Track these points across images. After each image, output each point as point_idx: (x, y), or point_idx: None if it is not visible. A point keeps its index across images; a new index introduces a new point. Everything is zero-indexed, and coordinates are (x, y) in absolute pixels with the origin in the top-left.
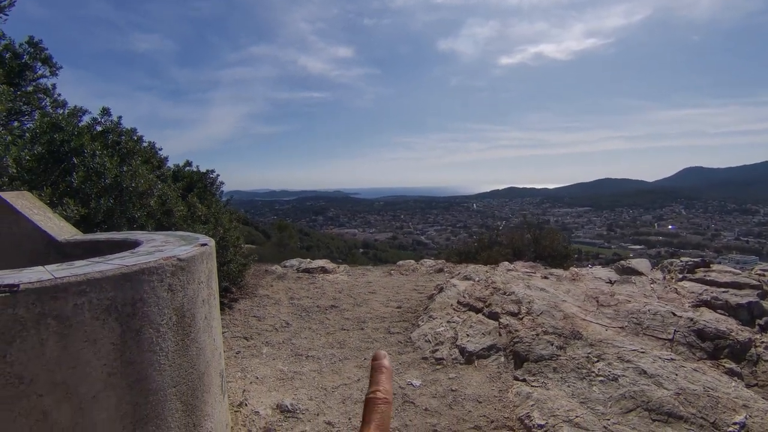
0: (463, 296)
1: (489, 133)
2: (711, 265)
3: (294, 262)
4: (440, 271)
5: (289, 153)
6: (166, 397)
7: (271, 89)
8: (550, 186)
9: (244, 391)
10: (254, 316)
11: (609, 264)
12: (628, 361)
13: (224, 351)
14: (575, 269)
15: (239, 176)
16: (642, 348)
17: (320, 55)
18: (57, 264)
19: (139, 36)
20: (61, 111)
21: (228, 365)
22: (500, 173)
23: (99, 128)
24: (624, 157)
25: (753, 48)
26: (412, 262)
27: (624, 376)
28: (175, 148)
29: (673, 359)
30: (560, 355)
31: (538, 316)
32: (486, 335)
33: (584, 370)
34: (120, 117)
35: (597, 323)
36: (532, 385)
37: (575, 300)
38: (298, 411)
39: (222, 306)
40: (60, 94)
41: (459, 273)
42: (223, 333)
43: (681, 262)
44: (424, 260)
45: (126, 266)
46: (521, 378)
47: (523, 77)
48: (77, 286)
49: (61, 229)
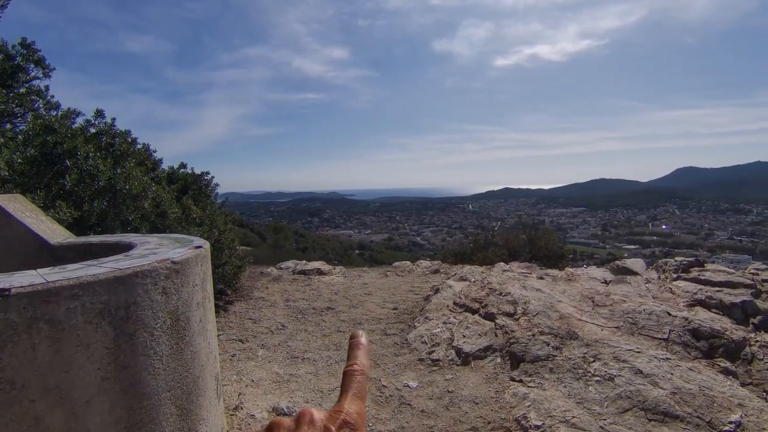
0: (459, 297)
1: (484, 134)
2: (705, 265)
3: (289, 263)
4: (436, 272)
5: (284, 154)
6: (161, 401)
7: (265, 91)
8: (546, 187)
9: (239, 394)
10: (250, 319)
11: (604, 264)
12: (623, 361)
13: (219, 354)
14: (570, 269)
15: (234, 178)
16: (638, 348)
17: (315, 57)
18: (49, 267)
19: (133, 37)
20: (55, 113)
21: (223, 368)
22: (496, 174)
23: (93, 130)
24: (618, 158)
25: (747, 49)
26: (408, 263)
27: (620, 375)
28: (170, 150)
29: (668, 359)
30: (556, 356)
31: (534, 316)
32: (482, 336)
33: (580, 371)
34: (114, 119)
35: (593, 323)
36: (529, 386)
37: (571, 300)
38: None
39: (217, 309)
40: (53, 96)
41: (455, 274)
42: (218, 336)
43: (675, 261)
44: (420, 261)
45: (119, 269)
46: (518, 379)
47: (518, 78)
48: (70, 290)
49: (53, 232)
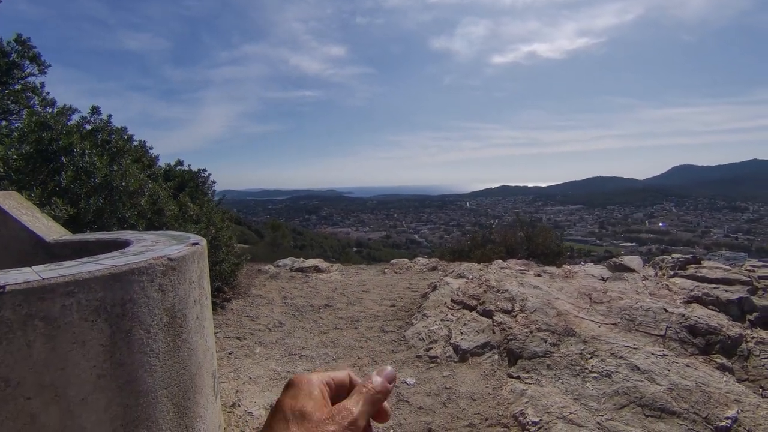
0: (457, 294)
1: (482, 132)
2: (702, 262)
3: (287, 261)
4: (434, 269)
5: (281, 152)
6: (157, 398)
7: (263, 88)
8: (543, 184)
9: (237, 391)
10: (247, 316)
11: (601, 261)
12: (621, 358)
13: (217, 351)
14: (568, 267)
15: (232, 176)
16: (635, 344)
17: (313, 54)
18: (45, 264)
19: (130, 34)
20: (50, 110)
21: (221, 366)
22: (493, 172)
23: (88, 127)
24: (616, 156)
25: (743, 48)
26: (405, 260)
27: (617, 372)
28: (167, 147)
29: (665, 355)
30: (554, 352)
31: (532, 313)
32: (480, 333)
33: (578, 367)
34: (110, 116)
35: (590, 320)
36: (526, 383)
37: (568, 297)
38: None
39: (214, 306)
40: (48, 93)
41: (452, 271)
42: (215, 333)
43: (672, 258)
44: (418, 259)
45: (115, 266)
46: (515, 375)
47: (516, 76)
48: (65, 287)
49: (49, 229)
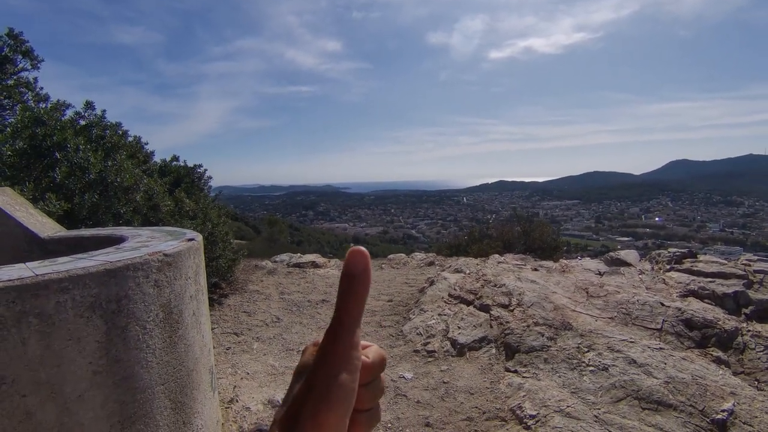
0: (454, 289)
1: (479, 127)
2: (698, 256)
3: (284, 257)
4: (431, 264)
5: (278, 148)
6: (155, 394)
7: (258, 83)
8: (540, 179)
9: (234, 387)
10: (244, 312)
11: (598, 256)
12: (617, 351)
13: (214, 347)
14: (565, 261)
15: (228, 171)
16: (631, 338)
17: (308, 49)
18: (39, 261)
19: (124, 28)
20: (44, 105)
21: (218, 361)
22: (490, 167)
23: (82, 122)
24: (612, 151)
25: (739, 43)
26: (402, 255)
27: (614, 365)
28: (162, 143)
29: (661, 348)
30: (551, 346)
31: (529, 307)
32: (477, 327)
33: (575, 361)
34: (104, 111)
35: (587, 314)
36: (524, 376)
37: (565, 291)
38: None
39: (211, 302)
40: (42, 88)
41: (450, 266)
42: (212, 329)
43: (668, 253)
44: (415, 254)
45: (110, 262)
46: (512, 369)
47: (512, 71)
48: (59, 283)
49: (44, 225)
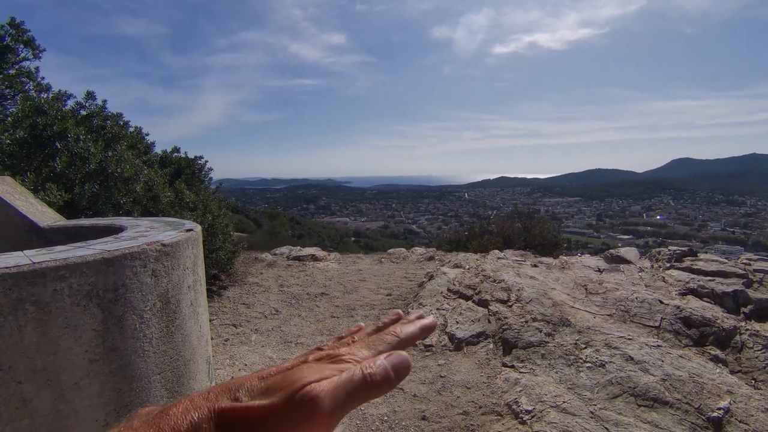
0: (453, 284)
1: (482, 122)
2: (698, 255)
3: (284, 249)
4: (431, 259)
5: (280, 141)
6: (151, 384)
7: (262, 76)
8: (542, 176)
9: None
10: (243, 304)
11: (598, 253)
12: (615, 348)
13: (213, 338)
14: (565, 258)
15: (230, 164)
16: (629, 335)
17: (312, 42)
18: (37, 249)
19: (127, 20)
20: (45, 95)
21: (216, 353)
22: (492, 162)
23: (83, 112)
24: (615, 148)
25: (747, 41)
26: (402, 250)
27: (611, 362)
28: (164, 135)
29: (659, 346)
30: (548, 342)
31: (528, 303)
32: (475, 322)
33: (572, 357)
34: (105, 101)
35: (585, 311)
36: (521, 372)
37: (564, 288)
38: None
39: (211, 293)
40: (43, 78)
41: (449, 261)
42: (211, 320)
43: (669, 251)
44: (415, 248)
45: (108, 251)
46: (510, 364)
47: (517, 66)
48: (56, 272)
49: (43, 215)
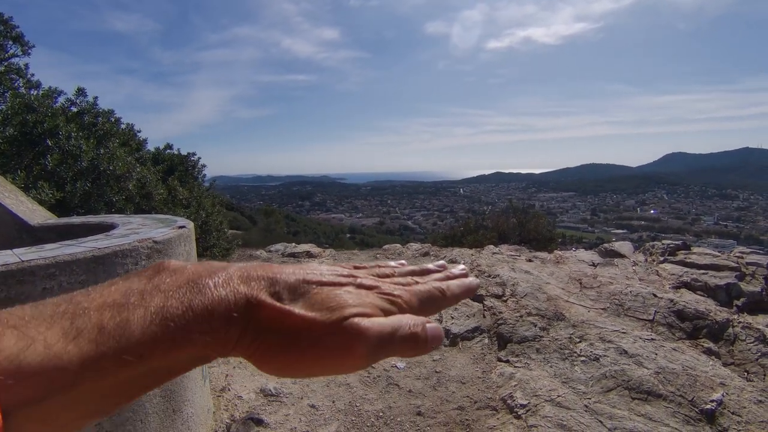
0: None
1: (476, 118)
2: (691, 248)
3: (279, 246)
4: (426, 254)
5: (274, 137)
6: None
7: (254, 72)
8: (536, 171)
9: (227, 375)
10: None
11: (592, 247)
12: (609, 342)
13: None
14: (559, 252)
15: (224, 161)
16: (623, 328)
17: (305, 37)
18: (26, 247)
19: (118, 15)
20: (35, 92)
21: None
22: (487, 158)
23: (74, 109)
24: (609, 143)
25: (738, 36)
26: (398, 245)
27: (605, 356)
28: (157, 132)
29: (653, 339)
30: (543, 336)
31: (522, 298)
32: (470, 317)
33: (566, 351)
34: (96, 97)
35: (580, 305)
36: (516, 366)
37: (559, 282)
38: (281, 395)
39: None
40: (33, 74)
41: (445, 256)
42: None
43: (662, 245)
44: (410, 244)
45: (98, 249)
46: (505, 359)
47: (511, 61)
48: (45, 270)
49: (33, 213)
